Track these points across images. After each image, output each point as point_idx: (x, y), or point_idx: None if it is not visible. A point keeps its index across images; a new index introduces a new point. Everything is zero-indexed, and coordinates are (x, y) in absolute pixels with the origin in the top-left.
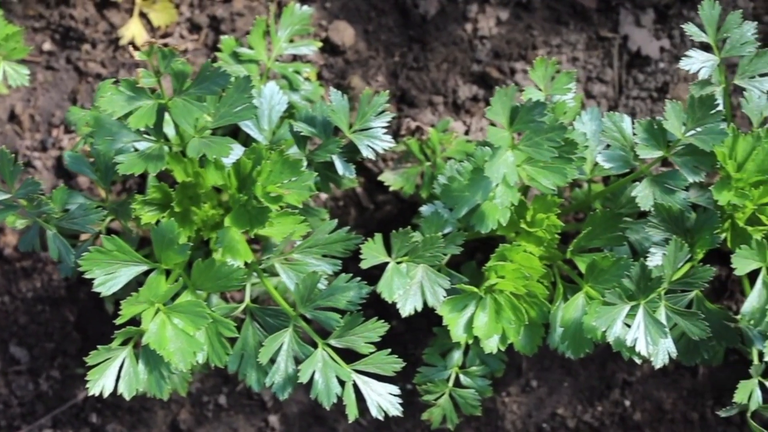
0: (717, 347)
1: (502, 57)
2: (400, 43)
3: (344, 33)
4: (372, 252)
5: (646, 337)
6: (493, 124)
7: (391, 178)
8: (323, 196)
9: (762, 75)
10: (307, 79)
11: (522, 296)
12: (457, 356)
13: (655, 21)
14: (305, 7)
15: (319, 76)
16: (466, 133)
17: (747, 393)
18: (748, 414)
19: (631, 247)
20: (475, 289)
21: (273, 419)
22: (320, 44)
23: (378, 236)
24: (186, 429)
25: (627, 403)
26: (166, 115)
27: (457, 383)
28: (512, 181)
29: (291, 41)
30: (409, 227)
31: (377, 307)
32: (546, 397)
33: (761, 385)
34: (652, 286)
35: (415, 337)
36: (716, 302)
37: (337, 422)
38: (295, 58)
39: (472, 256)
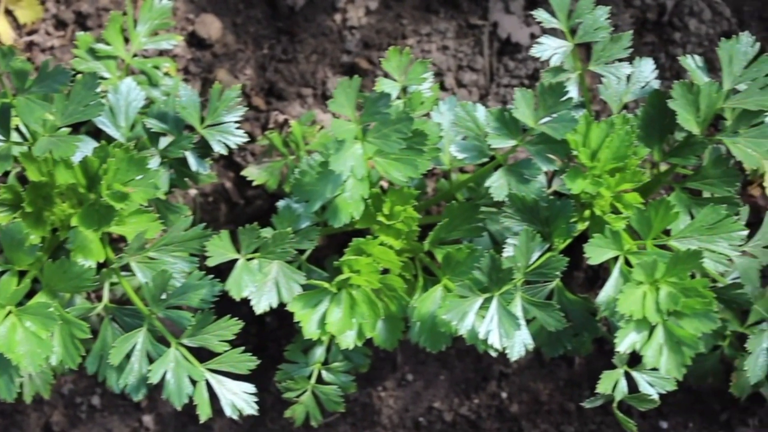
0: (582, 337)
1: (371, 47)
2: (269, 35)
3: (211, 26)
4: (218, 249)
5: (499, 330)
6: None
7: (255, 173)
8: (192, 192)
9: (618, 60)
10: (166, 74)
11: (382, 290)
12: (319, 353)
13: (524, 7)
14: (165, 1)
15: (186, 71)
16: None
17: (611, 383)
18: (614, 404)
19: (492, 238)
20: (327, 285)
21: (147, 419)
22: (180, 38)
23: (224, 233)
24: (59, 431)
25: (504, 395)
26: None
27: (320, 380)
28: (359, 174)
29: (155, 35)
30: (256, 223)
31: None
32: (422, 391)
33: (627, 374)
34: (504, 277)
35: (290, 333)
36: (589, 291)
37: (213, 420)
38: (161, 53)
39: (340, 251)
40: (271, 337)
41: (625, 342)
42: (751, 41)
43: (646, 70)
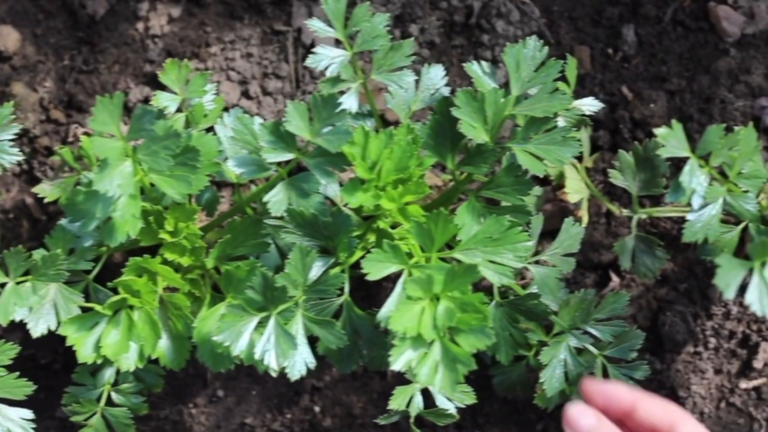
0: (373, 353)
1: (174, 56)
2: (70, 45)
3: (8, 38)
4: None
5: (276, 350)
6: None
7: (47, 189)
8: None
9: (399, 68)
10: None
11: (169, 308)
12: (108, 374)
13: None
14: None
15: None
16: None
17: (405, 399)
18: (411, 420)
19: (282, 253)
20: (99, 308)
21: None
22: None
23: None
24: None
25: (317, 408)
26: None
27: (110, 402)
28: (128, 192)
29: None
30: (20, 246)
31: None
32: (234, 407)
33: (424, 388)
34: (279, 296)
35: None
36: None
37: None
38: None
39: None
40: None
41: (401, 360)
42: (539, 45)
43: (436, 76)
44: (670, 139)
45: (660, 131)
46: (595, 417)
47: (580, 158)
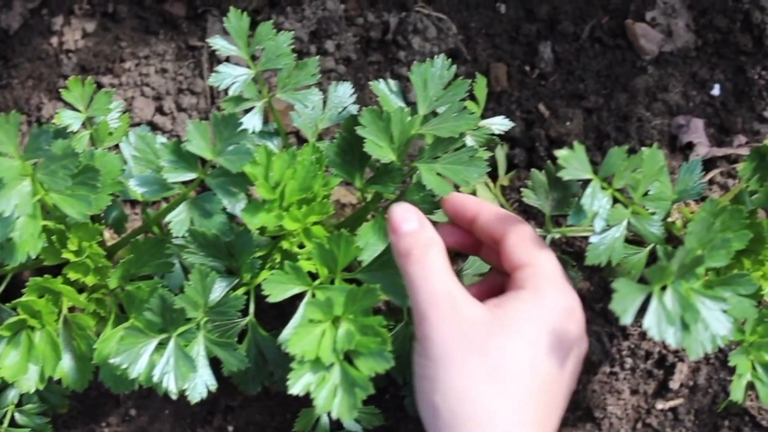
0: (278, 374)
1: (89, 71)
2: None
3: None
4: None
5: (176, 372)
6: None
7: None
8: None
9: (305, 87)
10: None
11: (73, 329)
12: (12, 394)
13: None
14: None
15: None
16: None
17: (310, 421)
18: None
19: (188, 273)
20: None
21: None
22: None
23: None
24: None
25: (230, 428)
26: None
27: (13, 423)
28: (26, 212)
29: None
30: None
31: None
32: (147, 426)
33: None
34: (178, 317)
35: None
36: None
37: None
38: None
39: None
40: None
41: (299, 384)
42: (447, 64)
43: (344, 94)
44: (572, 161)
45: (561, 153)
46: (418, 221)
47: (495, 177)
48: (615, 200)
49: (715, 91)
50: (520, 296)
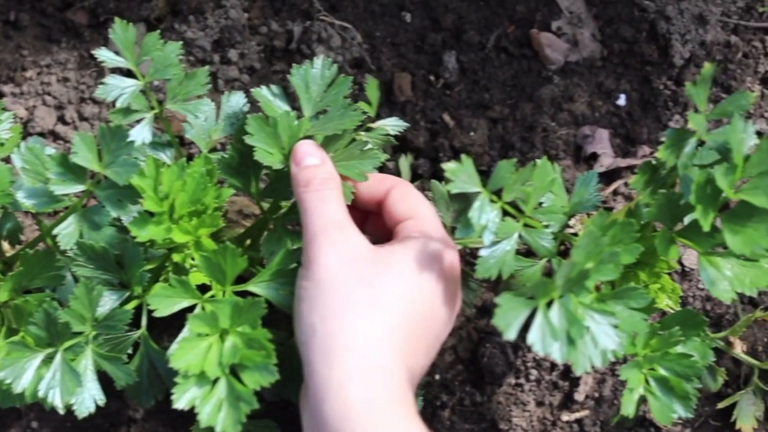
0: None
1: None
2: None
3: None
4: None
5: (61, 387)
6: None
7: None
8: None
9: (196, 97)
10: None
11: None
12: None
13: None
14: None
15: None
16: None
17: None
18: None
19: None
20: None
21: None
22: None
23: None
24: None
25: None
26: None
27: None
28: None
29: None
30: None
31: None
32: None
33: None
34: (63, 331)
35: None
36: None
37: None
38: None
39: None
40: None
41: (184, 398)
42: (328, 63)
43: (237, 104)
44: (460, 174)
45: (448, 166)
46: (320, 158)
47: None
48: (506, 213)
49: (621, 101)
50: (403, 242)
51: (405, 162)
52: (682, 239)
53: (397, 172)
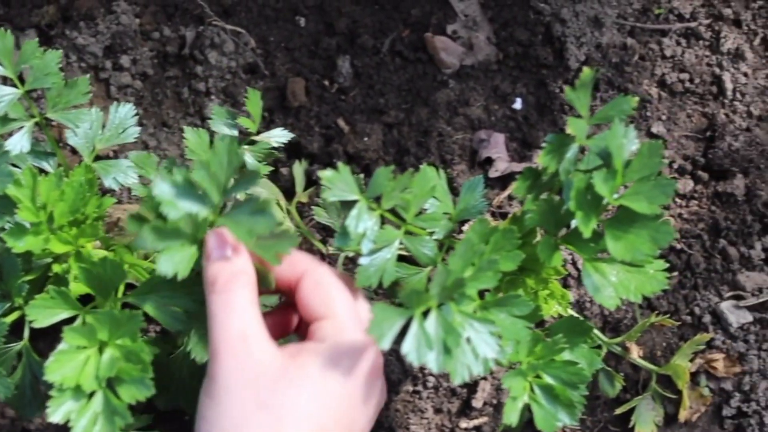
0: None
1: None
2: None
3: None
4: None
5: None
6: None
7: None
8: None
9: (75, 107)
10: None
11: None
12: None
13: (40, 43)
14: None
15: None
16: None
17: None
18: None
19: None
20: None
21: None
22: None
23: None
24: None
25: None
26: None
27: None
28: None
29: None
30: None
31: None
32: None
33: None
34: None
35: None
36: None
37: None
38: None
39: None
40: None
41: (59, 412)
42: (231, 141)
43: (126, 115)
44: (337, 182)
45: (324, 174)
46: (232, 249)
47: (293, 194)
48: (387, 221)
49: (517, 104)
50: (317, 351)
51: (299, 168)
52: (567, 245)
53: (291, 179)
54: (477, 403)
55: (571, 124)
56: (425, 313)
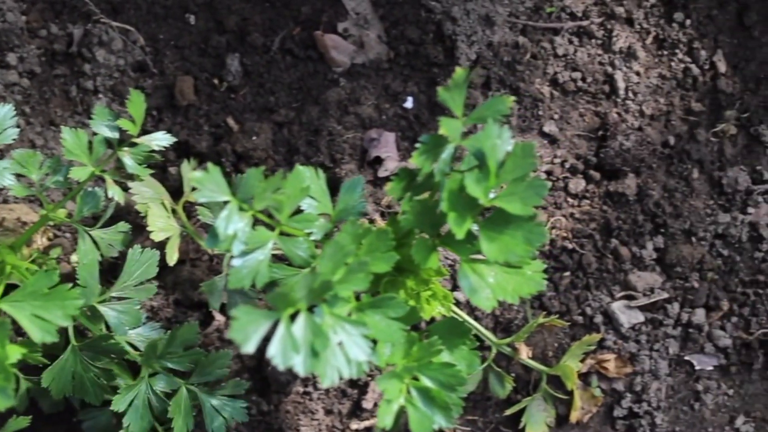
0: None
1: None
2: None
3: None
4: None
5: None
6: None
7: None
8: None
9: None
10: None
11: None
12: None
13: None
14: None
15: None
16: None
17: None
18: None
19: None
20: None
21: None
22: None
23: None
24: None
25: None
26: None
27: None
28: None
29: None
30: None
31: None
32: None
33: None
34: None
35: None
36: None
37: None
38: None
39: None
40: None
41: None
42: None
43: (5, 117)
44: (207, 183)
45: (194, 175)
46: None
47: (181, 193)
48: (260, 222)
49: (408, 103)
50: None
51: (187, 168)
52: (445, 246)
53: (179, 178)
54: (367, 404)
55: (443, 125)
56: (294, 316)
